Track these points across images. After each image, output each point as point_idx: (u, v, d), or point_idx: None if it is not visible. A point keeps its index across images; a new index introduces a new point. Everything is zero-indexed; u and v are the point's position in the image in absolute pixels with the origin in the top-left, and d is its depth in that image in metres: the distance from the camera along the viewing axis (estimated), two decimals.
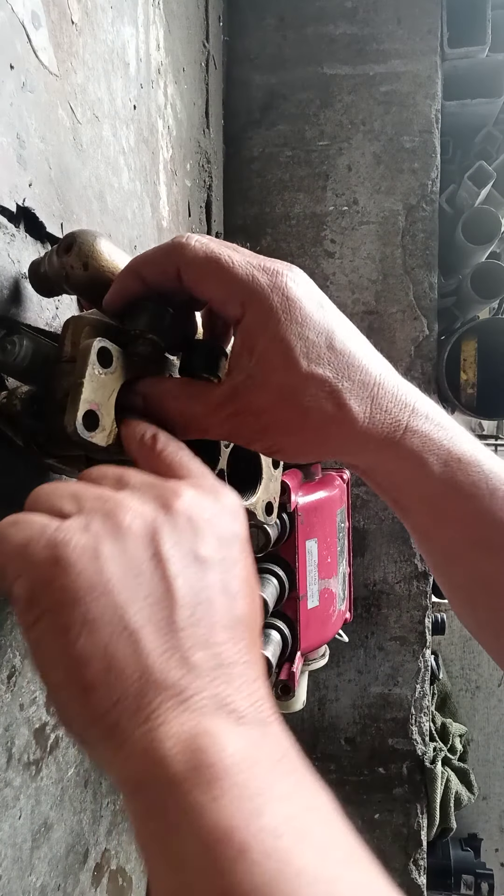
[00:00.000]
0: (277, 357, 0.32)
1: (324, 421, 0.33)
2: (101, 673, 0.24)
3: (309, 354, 0.33)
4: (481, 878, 1.43)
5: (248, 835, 0.20)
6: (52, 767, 0.51)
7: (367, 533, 1.14)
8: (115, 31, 0.60)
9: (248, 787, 0.21)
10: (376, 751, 1.16)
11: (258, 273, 0.33)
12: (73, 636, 0.24)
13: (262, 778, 0.22)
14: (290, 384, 0.33)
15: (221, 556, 0.28)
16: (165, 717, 0.23)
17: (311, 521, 0.77)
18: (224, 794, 0.21)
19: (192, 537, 0.28)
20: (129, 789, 0.23)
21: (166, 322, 0.37)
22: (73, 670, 0.24)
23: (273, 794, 0.22)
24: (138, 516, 0.27)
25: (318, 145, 1.15)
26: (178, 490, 0.29)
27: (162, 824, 0.22)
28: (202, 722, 0.23)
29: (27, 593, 0.26)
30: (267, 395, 0.33)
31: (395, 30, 1.13)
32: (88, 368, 0.32)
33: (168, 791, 0.22)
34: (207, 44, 0.98)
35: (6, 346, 0.38)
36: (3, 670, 0.44)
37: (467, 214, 1.10)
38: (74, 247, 0.37)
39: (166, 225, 0.78)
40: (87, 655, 0.24)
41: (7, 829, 0.45)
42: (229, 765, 0.22)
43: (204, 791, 0.21)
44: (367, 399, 0.34)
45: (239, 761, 0.22)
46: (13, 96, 0.42)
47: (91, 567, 0.25)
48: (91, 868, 0.60)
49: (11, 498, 0.44)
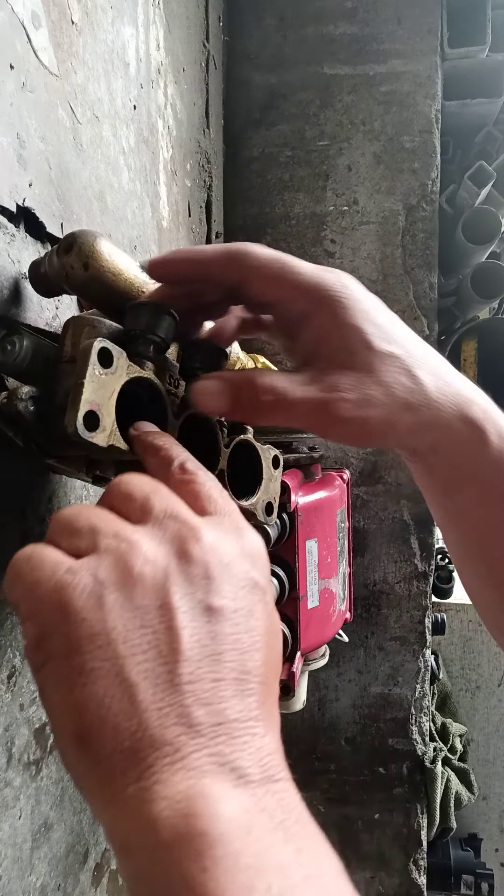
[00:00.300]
0: (353, 341, 0.35)
1: (404, 393, 0.35)
2: (95, 724, 0.23)
3: (381, 336, 0.36)
4: (481, 878, 1.43)
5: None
6: (53, 767, 0.51)
7: (367, 533, 1.14)
8: (115, 31, 0.60)
9: (241, 859, 0.20)
10: (376, 751, 1.16)
11: (324, 273, 0.37)
12: (71, 684, 0.24)
13: (258, 847, 0.21)
14: (369, 363, 0.35)
15: (236, 608, 0.27)
16: (159, 777, 0.22)
17: (311, 521, 0.77)
18: (215, 866, 0.20)
19: (205, 587, 0.27)
20: (117, 847, 0.23)
21: (167, 322, 0.37)
22: (69, 718, 0.24)
23: (268, 866, 0.20)
24: (149, 563, 0.26)
25: (318, 145, 1.15)
26: (197, 533, 0.28)
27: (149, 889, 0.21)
28: (198, 783, 0.22)
29: (35, 637, 0.26)
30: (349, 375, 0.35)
31: (395, 30, 1.13)
32: (89, 369, 0.32)
33: (156, 857, 0.21)
34: (207, 44, 0.98)
35: (6, 346, 0.38)
36: (3, 670, 0.44)
37: (467, 214, 1.10)
38: (74, 247, 0.37)
39: (166, 225, 0.78)
40: (81, 705, 0.24)
41: (7, 829, 0.45)
42: (222, 832, 0.21)
43: (193, 860, 0.20)
44: (435, 373, 0.37)
45: (234, 829, 0.21)
46: (13, 96, 0.42)
47: (94, 616, 0.25)
48: (91, 868, 0.60)
49: (11, 497, 0.44)
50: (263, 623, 0.28)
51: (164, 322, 0.37)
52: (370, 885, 1.14)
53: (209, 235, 1.02)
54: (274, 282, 0.36)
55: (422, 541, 1.13)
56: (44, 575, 0.26)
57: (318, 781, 1.17)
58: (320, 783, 1.17)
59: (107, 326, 0.38)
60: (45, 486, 0.49)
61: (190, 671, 0.25)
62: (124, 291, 0.38)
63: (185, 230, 0.89)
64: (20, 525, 0.45)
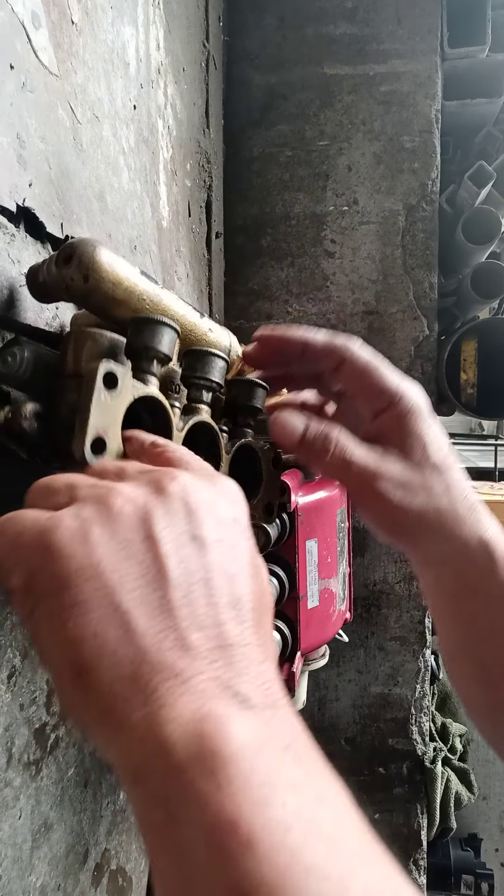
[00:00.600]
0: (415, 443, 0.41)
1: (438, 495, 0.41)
2: (93, 654, 0.24)
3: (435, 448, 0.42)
4: (481, 878, 1.43)
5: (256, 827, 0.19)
6: (52, 767, 0.51)
7: (367, 533, 1.14)
8: (115, 31, 0.60)
9: (255, 776, 0.20)
10: (376, 751, 1.16)
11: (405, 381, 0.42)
12: (64, 619, 0.24)
13: (270, 766, 0.21)
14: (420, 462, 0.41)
15: (219, 538, 0.28)
16: (165, 700, 0.22)
17: (312, 521, 0.77)
18: (230, 784, 0.20)
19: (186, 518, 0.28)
20: (129, 776, 0.22)
21: (170, 337, 0.37)
22: (67, 653, 0.24)
23: (281, 784, 0.21)
24: (129, 500, 0.27)
25: (318, 145, 1.15)
26: (172, 473, 0.29)
27: (164, 814, 0.21)
28: (206, 705, 0.22)
29: (22, 584, 0.26)
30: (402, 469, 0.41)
31: (396, 30, 1.13)
32: (94, 394, 0.32)
33: (170, 779, 0.21)
34: (207, 44, 0.98)
35: (7, 357, 0.38)
36: (3, 670, 0.44)
37: (467, 214, 1.10)
38: (74, 259, 0.36)
39: (166, 225, 0.78)
40: (78, 637, 0.24)
41: (7, 829, 0.45)
42: (235, 751, 0.21)
43: (208, 780, 0.20)
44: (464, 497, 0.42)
45: (245, 747, 0.21)
46: (13, 96, 0.42)
47: (80, 550, 0.25)
48: (91, 868, 0.60)
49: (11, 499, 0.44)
50: (248, 554, 0.29)
51: (166, 336, 0.37)
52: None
53: (209, 235, 1.02)
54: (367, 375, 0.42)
55: None
56: (25, 525, 0.26)
57: None
58: None
59: (108, 339, 0.38)
60: None
61: (181, 595, 0.25)
62: (125, 300, 0.38)
63: (185, 230, 0.89)
64: None
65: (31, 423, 0.36)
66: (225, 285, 1.15)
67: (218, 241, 1.08)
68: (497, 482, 2.52)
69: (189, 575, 0.26)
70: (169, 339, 0.37)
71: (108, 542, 0.26)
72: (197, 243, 0.96)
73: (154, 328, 0.37)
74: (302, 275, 1.15)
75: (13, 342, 0.39)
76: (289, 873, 0.18)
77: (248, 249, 1.16)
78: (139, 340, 0.37)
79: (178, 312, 0.43)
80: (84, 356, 0.38)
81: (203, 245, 1.00)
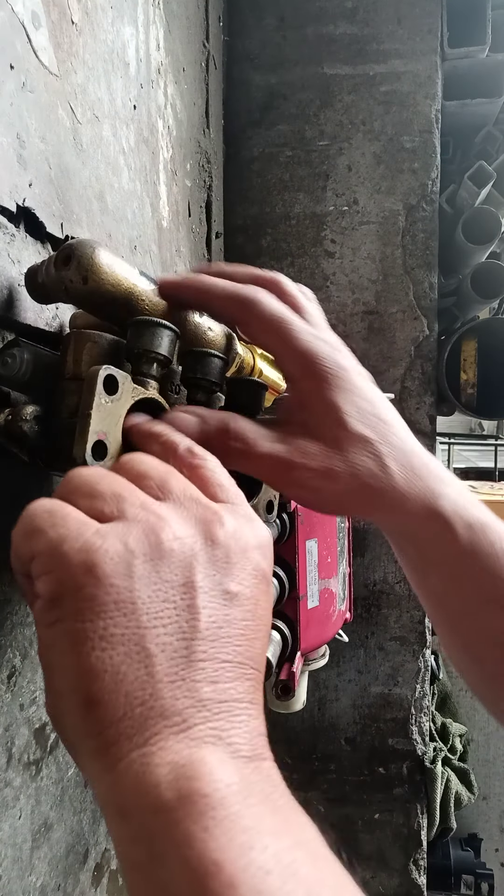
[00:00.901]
0: (329, 416, 0.36)
1: (367, 477, 0.36)
2: (108, 689, 0.24)
3: (357, 418, 0.37)
4: (481, 878, 1.43)
5: (238, 869, 0.20)
6: (52, 767, 0.51)
7: (367, 533, 1.14)
8: (115, 31, 0.60)
9: (240, 821, 0.21)
10: (376, 751, 1.16)
11: (320, 342, 0.37)
12: (88, 647, 0.24)
13: (254, 812, 0.22)
14: (338, 439, 0.36)
15: (248, 595, 0.28)
16: (164, 744, 0.23)
17: (312, 521, 0.77)
18: (216, 826, 0.21)
19: (225, 571, 0.28)
20: (114, 811, 0.23)
21: (170, 339, 0.37)
22: (81, 681, 0.24)
23: (263, 829, 0.21)
24: (178, 539, 0.27)
25: (318, 145, 1.15)
26: (221, 518, 0.29)
27: (147, 852, 0.21)
28: (199, 752, 0.23)
29: (52, 593, 0.25)
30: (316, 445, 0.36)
31: (396, 30, 1.13)
32: (95, 399, 0.32)
33: (157, 818, 0.21)
34: (207, 44, 0.98)
35: (6, 359, 0.38)
36: (3, 670, 0.44)
37: (467, 214, 1.10)
38: (73, 260, 0.36)
39: (166, 225, 0.78)
40: (98, 669, 0.24)
41: (7, 829, 0.45)
42: (223, 796, 0.22)
43: (195, 821, 0.21)
44: (406, 465, 0.37)
45: (233, 794, 0.22)
46: (13, 96, 0.42)
47: (122, 583, 0.25)
48: (91, 868, 0.60)
49: (11, 498, 0.44)
50: (266, 613, 0.30)
51: (166, 339, 0.37)
52: (370, 885, 1.14)
53: (209, 235, 1.02)
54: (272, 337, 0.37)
55: None
56: (69, 532, 0.26)
57: (318, 781, 1.17)
58: (320, 783, 1.17)
59: (108, 341, 0.38)
60: (45, 487, 0.49)
61: (204, 650, 0.26)
62: (125, 301, 0.38)
63: (185, 230, 0.89)
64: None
65: (31, 426, 0.36)
66: None
67: (218, 241, 1.08)
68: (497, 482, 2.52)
69: (215, 630, 0.26)
70: (169, 341, 0.37)
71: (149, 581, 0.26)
72: (197, 243, 0.96)
73: (154, 331, 0.37)
74: (302, 275, 1.15)
75: (12, 343, 0.39)
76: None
77: (248, 249, 1.16)
78: (139, 343, 0.37)
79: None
80: (84, 358, 0.38)
81: (203, 245, 1.00)
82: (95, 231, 0.55)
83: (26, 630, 0.47)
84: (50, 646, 0.25)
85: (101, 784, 0.24)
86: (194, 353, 0.41)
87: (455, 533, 0.37)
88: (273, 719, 0.52)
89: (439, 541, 0.38)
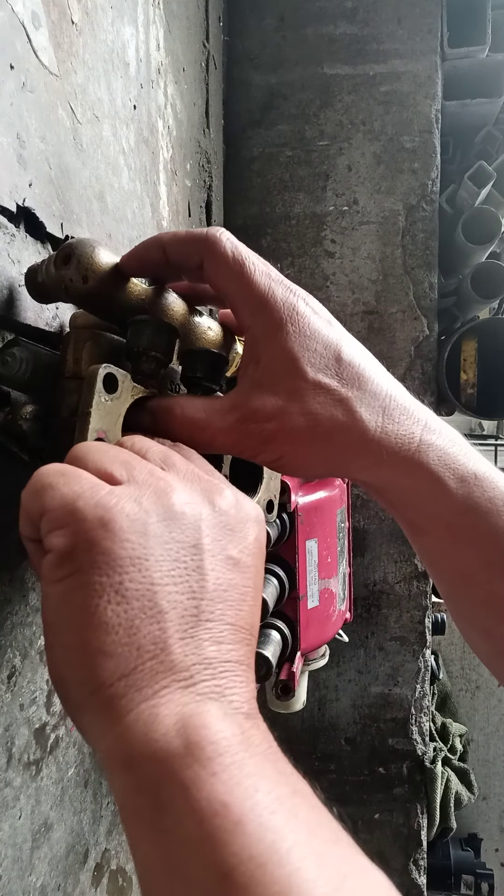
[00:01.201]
0: (283, 366, 0.33)
1: (333, 428, 0.33)
2: (122, 643, 0.24)
3: (316, 364, 0.33)
4: (481, 878, 1.43)
5: (245, 809, 0.21)
6: (52, 767, 0.51)
7: (367, 533, 1.14)
8: (115, 31, 0.60)
9: (244, 768, 0.22)
10: (376, 751, 1.16)
11: (275, 285, 0.34)
12: (103, 601, 0.25)
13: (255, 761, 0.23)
14: (296, 390, 0.33)
15: (248, 563, 0.30)
16: (171, 696, 0.24)
17: (311, 521, 0.77)
18: (223, 771, 0.22)
19: (228, 537, 0.29)
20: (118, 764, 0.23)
21: (169, 338, 0.37)
22: (93, 634, 0.24)
23: (265, 776, 0.23)
24: (188, 503, 0.28)
25: (318, 145, 1.15)
26: (222, 489, 0.30)
27: (152, 799, 0.22)
28: (204, 705, 0.24)
29: (65, 547, 0.26)
30: (272, 401, 0.33)
31: (396, 30, 1.13)
32: (95, 397, 0.32)
33: (164, 765, 0.22)
34: (207, 44, 0.98)
35: (6, 359, 0.38)
36: (4, 670, 0.44)
37: (467, 214, 1.10)
38: (73, 259, 0.36)
39: (166, 225, 0.78)
40: (111, 623, 0.24)
41: (7, 829, 0.45)
42: (229, 744, 0.23)
43: (203, 766, 0.22)
44: (379, 409, 0.34)
45: (237, 743, 0.23)
46: (13, 96, 0.42)
47: (137, 540, 0.26)
48: (91, 868, 0.60)
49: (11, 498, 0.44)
50: (260, 584, 0.31)
51: (166, 338, 0.37)
52: None
53: None
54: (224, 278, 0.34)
55: None
56: (83, 489, 0.26)
57: (318, 781, 1.16)
58: (320, 783, 1.16)
59: (108, 340, 0.38)
60: None
61: (211, 610, 0.27)
62: (124, 300, 0.38)
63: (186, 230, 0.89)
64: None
65: (30, 425, 0.36)
66: None
67: None
68: None
69: (221, 593, 0.27)
70: (168, 340, 0.37)
71: (162, 540, 0.27)
72: None
73: (154, 330, 0.37)
74: (302, 275, 1.15)
75: (12, 343, 0.39)
76: (274, 849, 0.20)
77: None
78: (139, 342, 0.37)
79: (178, 311, 0.43)
80: (84, 358, 0.38)
81: None
82: (95, 231, 0.55)
83: (26, 630, 0.47)
84: (59, 600, 0.26)
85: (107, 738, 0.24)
86: (194, 352, 0.41)
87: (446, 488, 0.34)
88: (273, 719, 0.52)
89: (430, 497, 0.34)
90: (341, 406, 0.33)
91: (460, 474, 0.35)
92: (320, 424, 0.33)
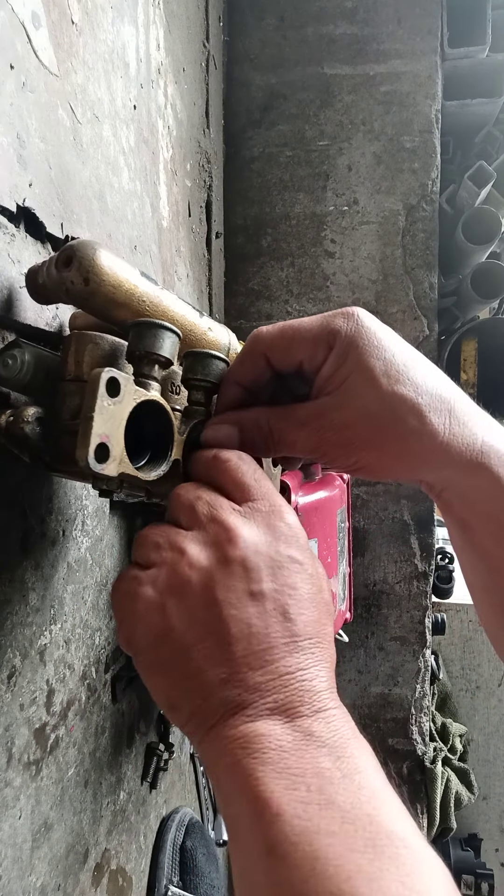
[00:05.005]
0: (361, 380, 0.36)
1: (406, 434, 0.36)
2: (176, 699, 0.32)
3: (389, 374, 0.36)
4: (481, 878, 1.43)
5: (283, 802, 0.27)
6: (52, 767, 0.51)
7: (367, 533, 1.14)
8: (116, 31, 0.60)
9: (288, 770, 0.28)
10: (376, 750, 1.15)
11: (330, 317, 0.37)
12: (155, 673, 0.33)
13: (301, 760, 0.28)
14: (373, 401, 0.36)
15: (275, 587, 0.32)
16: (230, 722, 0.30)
17: (312, 520, 0.77)
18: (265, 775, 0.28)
19: (245, 578, 0.32)
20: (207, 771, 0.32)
21: (170, 341, 0.37)
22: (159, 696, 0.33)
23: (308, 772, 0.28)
24: (195, 568, 0.32)
25: (318, 145, 1.15)
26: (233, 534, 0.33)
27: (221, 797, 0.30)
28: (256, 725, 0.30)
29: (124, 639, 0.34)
30: (351, 412, 0.36)
31: (396, 30, 1.13)
32: (97, 401, 0.32)
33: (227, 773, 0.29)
34: (207, 44, 0.98)
35: (7, 360, 0.38)
36: (3, 670, 0.44)
37: (467, 214, 1.10)
38: (74, 261, 0.36)
39: (166, 225, 0.78)
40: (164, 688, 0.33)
41: (7, 829, 0.45)
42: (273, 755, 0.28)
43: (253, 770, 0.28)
44: (446, 412, 0.36)
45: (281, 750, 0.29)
46: (13, 96, 0.42)
47: (158, 620, 0.32)
48: (91, 868, 0.60)
49: (12, 497, 0.44)
50: (306, 591, 0.33)
51: (168, 341, 0.37)
52: None
53: (209, 235, 1.02)
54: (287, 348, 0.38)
55: (422, 541, 1.13)
56: (121, 586, 0.34)
57: None
58: None
59: (109, 342, 0.38)
60: (45, 487, 0.49)
61: (242, 647, 0.31)
62: (126, 303, 0.38)
63: (185, 230, 0.89)
64: (21, 524, 0.45)
65: (32, 427, 0.36)
66: (225, 285, 1.15)
67: (218, 241, 1.08)
68: None
69: (247, 628, 0.31)
70: (170, 343, 0.37)
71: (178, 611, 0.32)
72: (197, 243, 0.96)
73: (155, 333, 0.37)
74: (302, 275, 1.15)
75: (13, 344, 0.39)
76: (305, 833, 0.26)
77: (248, 249, 1.16)
78: (140, 345, 0.37)
79: (178, 313, 0.43)
80: (85, 360, 0.38)
81: (203, 245, 1.00)
82: (95, 231, 0.55)
83: (26, 630, 0.47)
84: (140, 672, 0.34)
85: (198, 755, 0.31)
86: (195, 355, 0.41)
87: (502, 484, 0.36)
88: None
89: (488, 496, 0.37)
90: (414, 413, 0.36)
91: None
92: (394, 432, 0.36)
